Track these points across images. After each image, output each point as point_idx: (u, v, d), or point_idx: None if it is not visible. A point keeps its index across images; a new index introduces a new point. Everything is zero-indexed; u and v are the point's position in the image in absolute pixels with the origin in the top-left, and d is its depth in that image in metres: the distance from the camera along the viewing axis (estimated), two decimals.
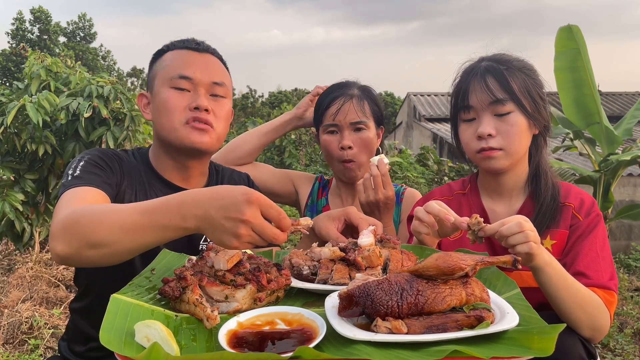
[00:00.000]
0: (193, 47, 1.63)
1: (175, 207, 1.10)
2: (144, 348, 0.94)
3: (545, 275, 1.36)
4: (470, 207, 1.74)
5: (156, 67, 1.65)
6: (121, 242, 1.14)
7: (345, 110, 1.99)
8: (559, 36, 5.35)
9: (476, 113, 1.62)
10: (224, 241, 1.06)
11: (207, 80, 1.58)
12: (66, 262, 1.22)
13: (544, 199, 1.62)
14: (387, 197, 1.78)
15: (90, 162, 1.50)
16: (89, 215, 1.18)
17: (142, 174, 1.63)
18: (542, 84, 1.66)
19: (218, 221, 1.05)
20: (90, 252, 1.16)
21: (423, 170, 6.60)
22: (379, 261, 1.26)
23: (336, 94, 2.04)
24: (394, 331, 0.96)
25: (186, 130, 1.55)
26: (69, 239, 1.17)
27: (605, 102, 13.84)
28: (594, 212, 1.59)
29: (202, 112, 1.55)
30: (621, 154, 5.33)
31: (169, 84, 1.57)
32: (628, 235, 7.51)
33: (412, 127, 15.16)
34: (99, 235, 1.14)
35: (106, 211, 1.18)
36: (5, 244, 5.79)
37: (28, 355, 3.45)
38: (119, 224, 1.14)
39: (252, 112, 26.48)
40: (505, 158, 1.60)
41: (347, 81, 2.11)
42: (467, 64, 1.69)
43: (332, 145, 2.02)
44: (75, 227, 1.17)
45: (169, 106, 1.55)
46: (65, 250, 1.18)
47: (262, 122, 6.94)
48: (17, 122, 3.78)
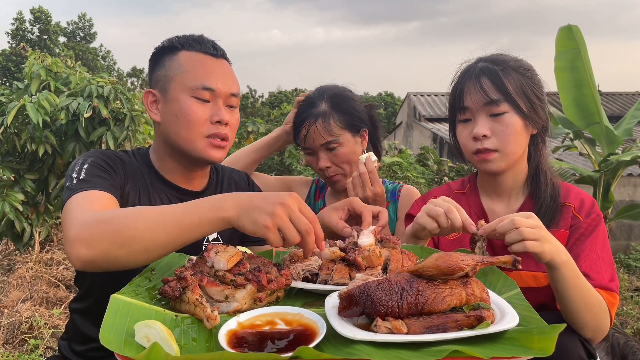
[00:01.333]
0: (211, 52, 1.59)
1: (217, 200, 1.17)
2: (144, 348, 0.94)
3: (559, 274, 1.34)
4: (469, 207, 1.73)
5: (170, 67, 1.57)
6: (156, 237, 1.16)
7: (312, 135, 1.99)
8: (559, 36, 5.35)
9: (472, 114, 1.62)
10: (257, 219, 1.11)
11: (226, 91, 1.57)
12: (89, 266, 1.19)
13: (543, 199, 1.62)
14: (375, 193, 1.79)
15: (94, 165, 1.48)
16: (122, 214, 1.20)
17: (145, 175, 1.62)
18: (540, 84, 1.66)
19: (258, 203, 1.12)
20: (120, 251, 1.16)
21: (423, 170, 6.60)
22: (379, 261, 1.26)
23: (303, 116, 2.03)
24: (394, 331, 0.96)
25: (204, 144, 1.55)
26: (95, 241, 1.16)
27: (605, 102, 13.83)
28: (594, 213, 1.59)
29: (222, 126, 1.56)
30: (621, 154, 5.33)
31: (190, 93, 1.53)
32: (628, 235, 7.51)
33: (412, 127, 15.16)
34: (132, 231, 1.16)
35: (141, 209, 1.22)
36: (5, 244, 5.79)
37: (28, 355, 3.45)
38: (154, 218, 1.17)
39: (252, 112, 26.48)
40: (501, 160, 1.60)
41: (314, 96, 2.06)
42: (465, 64, 1.70)
43: (313, 164, 2.07)
44: (105, 227, 1.17)
45: (192, 118, 1.53)
46: (90, 253, 1.16)
47: (261, 122, 6.93)
48: (17, 122, 3.77)
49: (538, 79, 1.66)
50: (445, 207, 1.37)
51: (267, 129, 6.80)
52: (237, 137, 6.80)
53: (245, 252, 1.28)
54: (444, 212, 1.37)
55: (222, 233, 1.68)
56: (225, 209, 1.14)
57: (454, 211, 1.36)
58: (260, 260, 1.24)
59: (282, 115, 7.19)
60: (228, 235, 1.69)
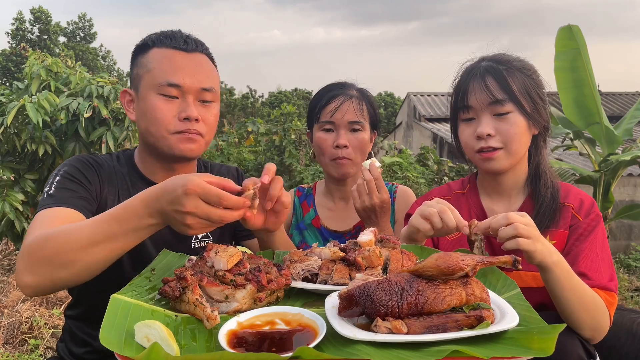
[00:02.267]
0: (181, 46, 1.54)
1: (140, 208, 1.15)
2: (144, 348, 0.94)
3: (552, 274, 1.34)
4: (469, 207, 1.73)
5: (141, 65, 1.56)
6: (93, 255, 1.17)
7: (344, 109, 1.97)
8: (559, 36, 5.35)
9: (475, 113, 1.62)
10: (182, 231, 1.15)
11: (196, 86, 1.53)
12: (38, 292, 1.23)
13: (543, 198, 1.62)
14: (382, 200, 1.77)
15: (65, 177, 1.47)
16: (53, 237, 1.19)
17: (127, 177, 1.60)
18: (543, 85, 1.66)
19: (171, 215, 1.12)
20: (62, 274, 1.18)
21: (423, 170, 6.59)
22: (379, 261, 1.26)
23: (335, 92, 2.02)
24: (394, 331, 0.96)
25: (175, 139, 1.52)
26: (37, 267, 1.19)
27: (605, 102, 13.83)
28: (594, 213, 1.59)
29: (192, 122, 1.52)
30: (621, 154, 5.32)
31: (156, 90, 1.51)
32: (628, 235, 7.51)
33: (412, 127, 15.15)
34: (69, 254, 1.17)
35: (70, 229, 1.19)
36: (5, 244, 5.80)
37: (28, 355, 3.45)
38: (86, 238, 1.16)
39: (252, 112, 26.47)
40: (506, 158, 1.60)
41: (346, 82, 2.09)
42: (468, 64, 1.69)
43: (326, 143, 2.00)
44: (41, 253, 1.19)
45: (158, 116, 1.50)
46: (35, 279, 1.19)
47: (261, 122, 6.92)
48: (17, 122, 3.77)
49: (540, 80, 1.66)
50: (438, 208, 1.37)
51: (267, 129, 6.78)
52: (237, 137, 6.78)
53: (245, 252, 1.28)
54: (437, 213, 1.36)
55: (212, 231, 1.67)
56: (147, 218, 1.15)
57: (448, 212, 1.36)
58: (260, 260, 1.24)
59: (282, 115, 7.17)
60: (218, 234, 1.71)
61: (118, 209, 1.18)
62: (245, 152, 7.14)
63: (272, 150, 6.57)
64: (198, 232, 1.15)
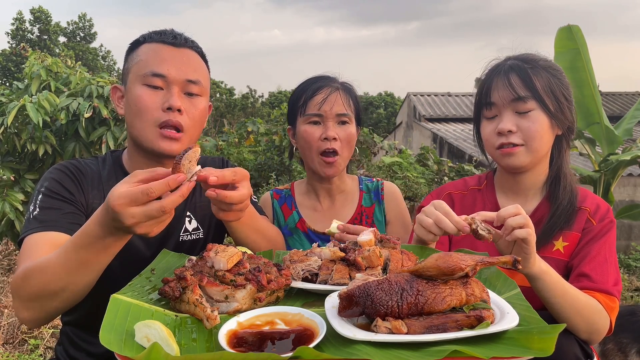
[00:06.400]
0: (169, 41, 1.54)
1: (98, 230, 1.14)
2: (144, 348, 0.94)
3: (542, 283, 1.36)
4: (484, 203, 1.73)
5: (130, 59, 1.57)
6: (74, 282, 1.20)
7: (332, 101, 1.89)
8: (558, 36, 5.34)
9: (498, 110, 1.61)
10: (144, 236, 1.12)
11: (181, 77, 1.51)
12: (38, 323, 1.29)
13: (560, 201, 1.61)
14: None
15: (47, 195, 1.46)
16: (32, 273, 1.21)
17: (114, 179, 1.57)
18: (568, 86, 1.65)
19: (123, 229, 1.10)
20: (53, 304, 1.23)
21: (423, 170, 6.59)
22: (379, 261, 1.26)
23: (321, 84, 1.93)
24: (394, 331, 0.96)
25: (155, 135, 1.50)
26: (27, 304, 1.23)
27: (605, 102, 13.83)
28: (608, 219, 1.59)
29: (175, 113, 1.49)
30: (621, 154, 5.32)
31: (141, 81, 1.50)
32: (628, 235, 7.51)
33: (412, 127, 15.14)
34: (50, 285, 1.19)
35: (46, 263, 1.20)
36: (5, 244, 5.79)
37: (28, 355, 3.45)
38: (60, 268, 1.18)
39: (252, 112, 26.45)
40: (526, 155, 1.59)
41: (329, 75, 2.00)
42: (494, 62, 1.69)
43: (313, 136, 1.89)
44: (25, 291, 1.22)
45: (141, 105, 1.49)
46: (30, 314, 1.24)
47: (261, 122, 6.92)
48: (17, 122, 3.77)
49: (566, 81, 1.65)
50: (434, 217, 1.35)
51: (267, 129, 6.77)
52: (237, 137, 6.78)
53: (245, 252, 1.28)
54: (434, 223, 1.35)
55: (202, 223, 1.67)
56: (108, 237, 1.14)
57: (444, 220, 1.34)
58: (260, 261, 1.24)
59: (282, 115, 7.17)
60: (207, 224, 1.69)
61: (80, 236, 1.16)
62: (245, 152, 7.15)
63: (272, 150, 6.57)
64: (157, 230, 1.12)
